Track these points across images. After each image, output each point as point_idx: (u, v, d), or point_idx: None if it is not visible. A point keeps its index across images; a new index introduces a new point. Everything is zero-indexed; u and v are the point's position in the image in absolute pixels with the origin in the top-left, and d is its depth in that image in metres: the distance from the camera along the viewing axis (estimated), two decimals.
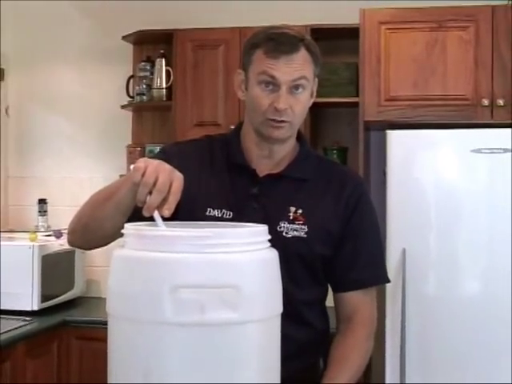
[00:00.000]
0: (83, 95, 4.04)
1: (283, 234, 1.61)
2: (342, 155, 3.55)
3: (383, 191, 2.96)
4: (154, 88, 3.71)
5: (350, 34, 3.30)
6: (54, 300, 3.53)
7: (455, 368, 2.87)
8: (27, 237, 3.52)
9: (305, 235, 1.61)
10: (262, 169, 1.68)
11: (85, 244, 1.67)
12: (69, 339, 3.38)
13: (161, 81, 3.69)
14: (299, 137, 1.74)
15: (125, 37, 3.79)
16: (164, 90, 3.68)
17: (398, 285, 2.84)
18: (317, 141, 3.66)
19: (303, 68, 1.59)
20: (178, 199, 1.30)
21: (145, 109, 3.91)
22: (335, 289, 1.73)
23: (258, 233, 1.24)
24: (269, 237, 1.25)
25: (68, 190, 3.97)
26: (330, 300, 1.74)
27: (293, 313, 1.50)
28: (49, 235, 3.66)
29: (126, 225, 1.25)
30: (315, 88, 1.68)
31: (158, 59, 3.71)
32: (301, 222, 1.62)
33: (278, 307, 1.24)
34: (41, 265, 3.39)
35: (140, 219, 1.30)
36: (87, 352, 3.35)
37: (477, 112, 3.13)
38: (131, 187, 1.35)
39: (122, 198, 1.42)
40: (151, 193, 1.28)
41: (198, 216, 1.53)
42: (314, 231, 1.62)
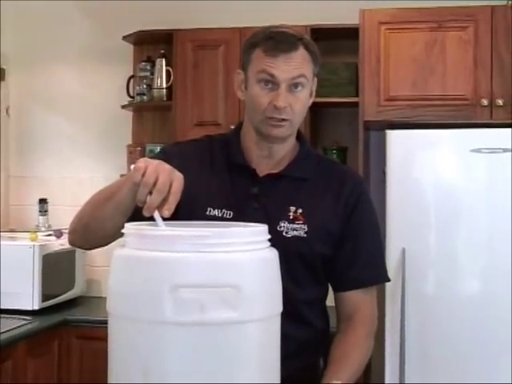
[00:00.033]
0: (83, 95, 4.04)
1: (283, 234, 1.60)
2: (342, 155, 3.55)
3: (383, 191, 2.96)
4: (155, 88, 3.71)
5: (350, 34, 3.30)
6: (55, 299, 3.53)
7: (455, 367, 2.87)
8: (28, 236, 3.52)
9: (305, 235, 1.61)
10: (262, 168, 1.67)
11: (85, 244, 1.67)
12: (69, 338, 3.38)
13: (161, 81, 3.69)
14: (299, 136, 1.74)
15: (125, 37, 3.79)
16: (164, 90, 3.68)
17: (398, 284, 2.84)
18: (316, 141, 3.66)
19: (302, 66, 1.59)
20: (178, 199, 1.30)
21: (145, 109, 3.91)
22: (335, 288, 1.73)
23: (258, 232, 1.24)
24: (269, 236, 1.25)
25: (68, 190, 3.98)
26: (330, 299, 1.74)
27: (293, 312, 1.50)
28: (49, 235, 3.66)
29: (127, 224, 1.25)
30: (314, 87, 1.68)
31: (159, 59, 3.71)
32: (301, 222, 1.62)
33: (278, 307, 1.24)
34: (41, 264, 3.39)
35: (140, 219, 1.31)
36: (88, 351, 3.35)
37: (476, 112, 3.13)
38: (131, 187, 1.35)
39: (123, 198, 1.42)
40: (151, 193, 1.28)
41: (199, 216, 1.53)
42: (314, 231, 1.62)
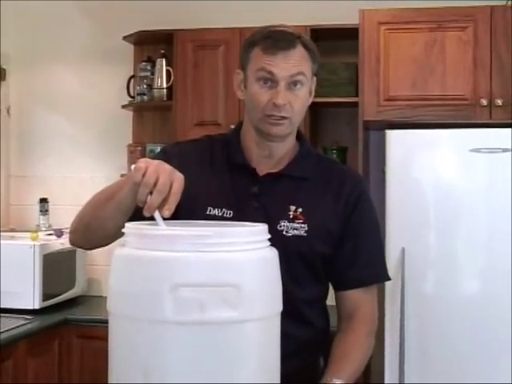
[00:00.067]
0: (84, 95, 4.04)
1: (283, 233, 1.60)
2: (342, 155, 3.55)
3: (382, 191, 2.96)
4: (155, 88, 3.71)
5: (350, 35, 3.30)
6: (55, 299, 3.54)
7: (454, 367, 2.87)
8: (28, 236, 3.52)
9: (305, 234, 1.61)
10: (262, 168, 1.67)
11: (86, 244, 1.67)
12: (70, 338, 3.39)
13: (161, 81, 3.69)
14: (299, 136, 1.74)
15: (125, 37, 3.80)
16: (164, 90, 3.69)
17: (397, 284, 2.84)
18: (316, 140, 3.66)
19: (301, 64, 1.59)
20: (179, 199, 1.30)
21: (145, 109, 3.91)
22: (336, 287, 1.73)
23: (258, 232, 1.24)
24: (269, 236, 1.25)
25: (69, 190, 3.98)
26: (331, 299, 1.74)
27: (293, 311, 1.50)
28: (50, 234, 3.67)
29: (127, 224, 1.25)
30: (314, 86, 1.68)
31: (159, 59, 3.71)
32: (301, 221, 1.62)
33: (278, 306, 1.24)
34: (42, 264, 3.40)
35: (141, 219, 1.31)
36: (88, 350, 3.36)
37: (475, 112, 3.13)
38: (132, 187, 1.35)
39: (123, 198, 1.42)
40: (152, 193, 1.28)
41: (199, 215, 1.52)
42: (314, 230, 1.62)
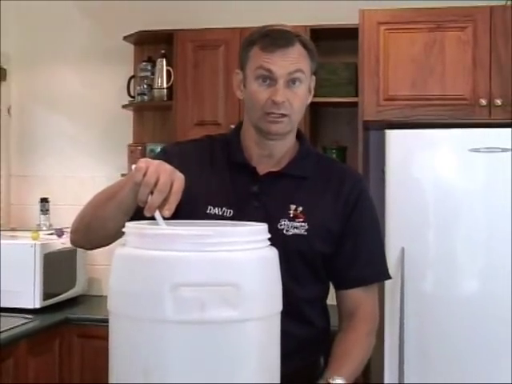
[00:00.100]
0: (84, 95, 4.05)
1: (284, 232, 1.60)
2: (342, 154, 3.55)
3: (382, 190, 2.96)
4: (155, 88, 3.71)
5: (350, 35, 3.30)
6: (56, 298, 3.54)
7: (454, 367, 2.86)
8: (29, 235, 3.53)
9: (305, 233, 1.61)
10: (263, 167, 1.68)
11: (87, 244, 1.68)
12: (70, 337, 3.39)
13: (161, 81, 3.70)
14: (299, 135, 1.74)
15: (126, 37, 3.80)
16: (165, 90, 3.69)
17: (397, 283, 2.84)
18: (316, 140, 3.66)
19: (299, 61, 1.60)
20: (179, 199, 1.31)
21: (146, 108, 3.92)
22: (337, 286, 1.73)
23: (258, 231, 1.24)
24: (269, 235, 1.26)
25: (70, 189, 3.99)
26: (331, 298, 1.74)
27: (293, 310, 1.50)
28: (51, 234, 3.67)
29: (127, 223, 1.25)
30: (313, 85, 1.69)
31: (159, 59, 3.72)
32: (301, 220, 1.62)
33: (278, 305, 1.24)
34: (43, 263, 3.40)
35: (142, 219, 1.31)
36: (89, 350, 3.36)
37: (475, 112, 3.13)
38: (133, 187, 1.36)
39: (124, 198, 1.43)
40: (152, 193, 1.29)
41: (199, 214, 1.53)
42: (315, 229, 1.62)
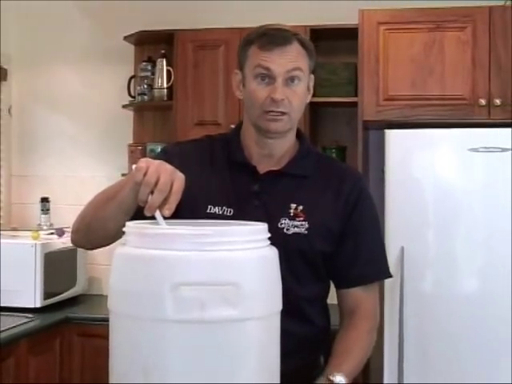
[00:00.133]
0: (85, 95, 4.05)
1: (284, 231, 1.61)
2: (341, 154, 3.56)
3: (382, 190, 2.96)
4: (155, 88, 3.72)
5: (349, 35, 3.30)
6: (57, 297, 3.55)
7: (453, 366, 2.86)
8: (30, 235, 3.54)
9: (305, 231, 1.61)
10: (263, 166, 1.68)
11: (87, 244, 1.68)
12: (71, 336, 3.40)
13: (162, 81, 3.70)
14: (299, 134, 1.74)
15: (126, 37, 3.81)
16: (165, 90, 3.69)
17: (397, 283, 2.84)
18: (316, 140, 3.66)
19: (297, 59, 1.60)
20: (179, 199, 1.31)
21: (146, 108, 3.92)
22: (338, 285, 1.73)
23: (258, 231, 1.25)
24: (269, 235, 1.26)
25: (70, 189, 4.00)
26: (332, 297, 1.74)
27: (294, 309, 1.51)
28: (51, 233, 3.68)
29: (128, 223, 1.26)
30: (312, 84, 1.70)
31: (159, 59, 3.72)
32: (301, 219, 1.62)
33: (278, 305, 1.25)
34: (43, 262, 3.41)
35: (142, 219, 1.32)
36: (89, 349, 3.36)
37: (474, 112, 3.13)
38: (133, 187, 1.36)
39: (125, 198, 1.43)
40: (153, 192, 1.29)
41: (199, 214, 1.54)
42: (315, 227, 1.62)
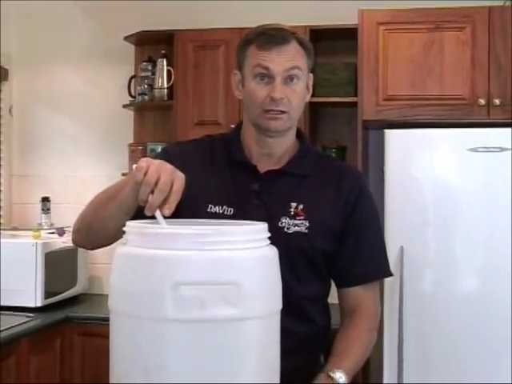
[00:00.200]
0: (85, 95, 4.05)
1: (285, 230, 1.61)
2: (341, 154, 3.56)
3: (381, 190, 2.95)
4: (156, 88, 3.72)
5: (349, 35, 3.31)
6: (57, 297, 3.55)
7: (453, 366, 2.86)
8: (30, 234, 3.54)
9: (306, 230, 1.62)
10: (263, 166, 1.68)
11: (88, 244, 1.68)
12: (71, 335, 3.40)
13: (162, 81, 3.71)
14: (299, 134, 1.75)
15: (127, 37, 3.81)
16: (165, 90, 3.70)
17: (396, 282, 2.84)
18: (316, 140, 3.66)
19: (296, 58, 1.61)
20: (179, 198, 1.31)
21: (146, 108, 3.92)
22: (338, 284, 1.73)
23: (258, 230, 1.25)
24: (269, 234, 1.26)
25: (71, 189, 4.00)
26: (333, 297, 1.74)
27: (294, 308, 1.51)
28: (52, 233, 3.69)
29: (128, 222, 1.26)
30: (311, 82, 1.70)
31: (160, 59, 3.72)
32: (302, 218, 1.62)
33: (278, 304, 1.25)
34: (44, 262, 3.41)
35: (143, 219, 1.32)
36: (89, 348, 3.37)
37: (473, 111, 3.14)
38: (134, 186, 1.37)
39: (125, 198, 1.44)
40: (153, 192, 1.29)
41: (200, 213, 1.54)
42: (315, 226, 1.62)
